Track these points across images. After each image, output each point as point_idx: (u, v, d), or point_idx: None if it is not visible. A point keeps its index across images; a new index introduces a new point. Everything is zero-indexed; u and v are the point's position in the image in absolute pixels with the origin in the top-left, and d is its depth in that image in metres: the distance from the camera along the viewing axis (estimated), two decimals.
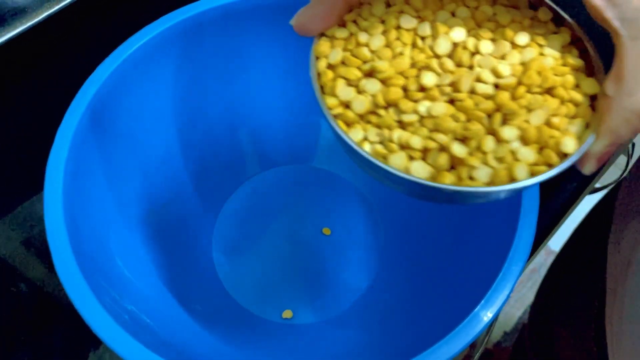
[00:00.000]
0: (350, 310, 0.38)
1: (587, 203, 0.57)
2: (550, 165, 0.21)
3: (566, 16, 0.23)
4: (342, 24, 0.23)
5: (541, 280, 0.60)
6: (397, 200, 0.40)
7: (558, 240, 0.53)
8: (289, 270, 0.40)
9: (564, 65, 0.22)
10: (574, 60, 0.22)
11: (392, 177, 0.20)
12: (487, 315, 0.25)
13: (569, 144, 0.21)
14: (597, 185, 0.60)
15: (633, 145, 0.57)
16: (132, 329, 0.26)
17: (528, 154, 0.20)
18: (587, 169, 0.22)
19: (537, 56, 0.21)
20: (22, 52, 0.42)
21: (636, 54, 0.20)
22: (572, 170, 0.22)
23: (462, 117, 0.20)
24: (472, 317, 0.25)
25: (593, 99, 0.22)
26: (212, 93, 0.39)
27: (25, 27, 0.39)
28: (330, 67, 0.23)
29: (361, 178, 0.42)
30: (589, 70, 0.22)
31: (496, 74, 0.21)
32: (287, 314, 0.37)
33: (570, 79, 0.21)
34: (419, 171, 0.20)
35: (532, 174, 0.20)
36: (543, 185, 0.23)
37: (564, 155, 0.21)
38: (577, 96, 0.21)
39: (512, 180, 0.20)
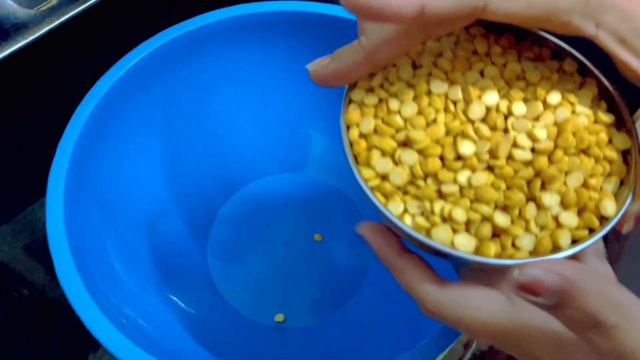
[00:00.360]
0: (340, 314, 0.39)
1: None
2: (592, 229, 0.20)
3: (592, 66, 0.22)
4: (371, 89, 0.22)
5: None
6: None
7: None
8: (281, 275, 0.41)
9: (596, 122, 0.21)
10: (605, 117, 0.21)
11: (436, 250, 0.20)
12: None
13: (609, 208, 0.20)
14: None
15: None
16: (129, 332, 0.27)
17: (570, 219, 0.20)
18: (626, 229, 0.21)
19: (570, 116, 0.21)
20: (24, 66, 0.43)
21: None
22: None
23: (503, 185, 0.20)
24: None
25: (625, 153, 0.21)
26: (209, 107, 0.40)
27: (26, 42, 0.40)
28: (362, 136, 0.22)
29: (350, 186, 0.44)
30: (618, 123, 0.22)
31: (532, 137, 0.20)
32: (279, 317, 0.39)
33: (603, 136, 0.21)
34: (465, 244, 0.20)
35: (574, 239, 0.20)
36: None
37: (603, 217, 0.20)
38: (612, 154, 0.21)
39: (556, 247, 0.20)
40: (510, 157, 0.20)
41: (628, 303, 0.17)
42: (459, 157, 0.20)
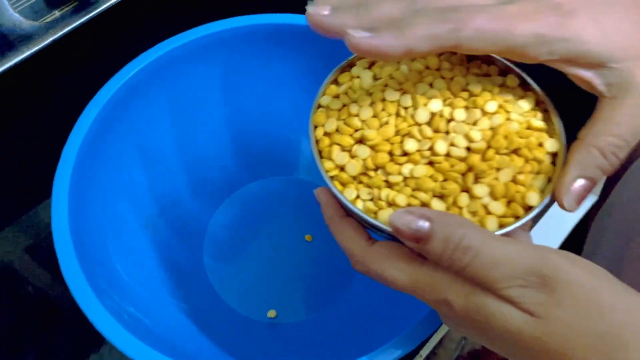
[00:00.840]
0: (329, 310, 0.41)
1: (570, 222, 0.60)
2: (517, 217, 0.24)
3: (531, 82, 0.26)
4: (337, 96, 0.27)
5: None
6: None
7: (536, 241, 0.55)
8: (273, 273, 0.43)
9: (529, 128, 0.25)
10: (538, 124, 0.25)
11: (381, 229, 0.24)
12: None
13: (533, 198, 0.24)
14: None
15: None
16: (131, 327, 0.29)
17: (497, 207, 0.24)
18: (568, 205, 0.25)
19: (504, 121, 0.24)
20: (29, 74, 0.45)
21: (611, 107, 0.24)
22: None
23: (440, 177, 0.24)
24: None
25: (555, 156, 0.25)
26: (206, 114, 0.42)
27: (31, 52, 0.42)
28: (327, 134, 0.26)
29: None
30: (551, 131, 0.25)
31: (469, 138, 0.24)
32: (272, 313, 0.41)
33: (533, 140, 0.24)
34: None
35: (501, 225, 0.24)
36: None
37: (529, 208, 0.24)
38: (540, 155, 0.24)
39: None
40: (448, 155, 0.24)
41: (482, 236, 0.22)
42: (405, 154, 0.24)
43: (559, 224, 0.50)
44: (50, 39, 0.43)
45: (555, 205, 0.26)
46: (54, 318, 0.42)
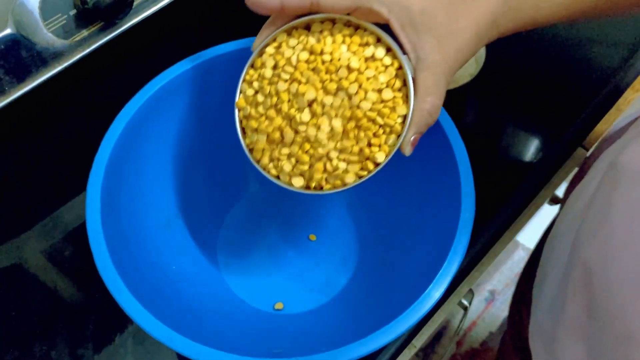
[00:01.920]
0: (331, 302, 0.45)
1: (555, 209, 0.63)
2: (369, 171, 0.34)
3: (399, 53, 0.33)
4: (251, 83, 0.36)
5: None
6: (375, 212, 0.47)
7: (534, 242, 0.59)
8: (281, 269, 0.47)
9: (382, 101, 0.33)
10: (388, 96, 0.33)
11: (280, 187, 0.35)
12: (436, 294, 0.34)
13: (379, 157, 0.33)
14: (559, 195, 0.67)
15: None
16: (156, 313, 0.33)
17: (353, 167, 0.34)
18: (407, 151, 0.33)
19: (361, 102, 0.33)
20: (60, 87, 0.49)
21: (423, 78, 0.32)
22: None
23: (306, 159, 0.34)
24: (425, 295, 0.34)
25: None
26: (217, 123, 0.46)
27: (62, 67, 0.47)
28: (245, 117, 0.36)
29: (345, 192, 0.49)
30: (403, 97, 0.33)
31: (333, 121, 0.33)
32: (279, 305, 0.45)
33: (386, 111, 0.33)
34: (298, 183, 0.35)
35: (359, 177, 0.34)
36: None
37: (378, 164, 0.34)
38: (391, 121, 0.33)
39: (344, 184, 0.34)
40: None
41: None
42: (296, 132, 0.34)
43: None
44: (79, 55, 0.47)
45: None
46: (84, 309, 0.46)
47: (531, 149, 0.52)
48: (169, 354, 0.44)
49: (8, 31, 0.42)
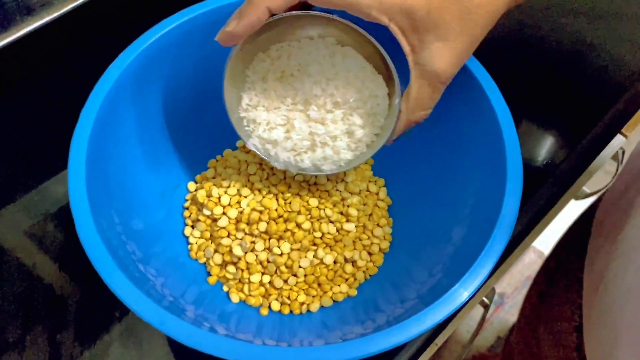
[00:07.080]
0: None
1: (578, 208, 0.59)
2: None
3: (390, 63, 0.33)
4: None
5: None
6: (406, 200, 0.42)
7: (549, 245, 0.56)
8: None
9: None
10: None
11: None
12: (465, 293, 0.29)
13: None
14: (587, 190, 0.62)
15: (623, 152, 0.60)
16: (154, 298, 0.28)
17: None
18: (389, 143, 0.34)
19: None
20: (48, 40, 0.45)
21: (419, 87, 0.31)
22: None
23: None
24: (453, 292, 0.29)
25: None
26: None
27: (51, 18, 0.42)
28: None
29: None
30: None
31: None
32: None
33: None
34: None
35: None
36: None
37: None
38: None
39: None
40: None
41: None
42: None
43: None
44: (70, 5, 0.43)
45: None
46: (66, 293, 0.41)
47: (551, 154, 0.49)
48: (160, 345, 0.39)
49: None
